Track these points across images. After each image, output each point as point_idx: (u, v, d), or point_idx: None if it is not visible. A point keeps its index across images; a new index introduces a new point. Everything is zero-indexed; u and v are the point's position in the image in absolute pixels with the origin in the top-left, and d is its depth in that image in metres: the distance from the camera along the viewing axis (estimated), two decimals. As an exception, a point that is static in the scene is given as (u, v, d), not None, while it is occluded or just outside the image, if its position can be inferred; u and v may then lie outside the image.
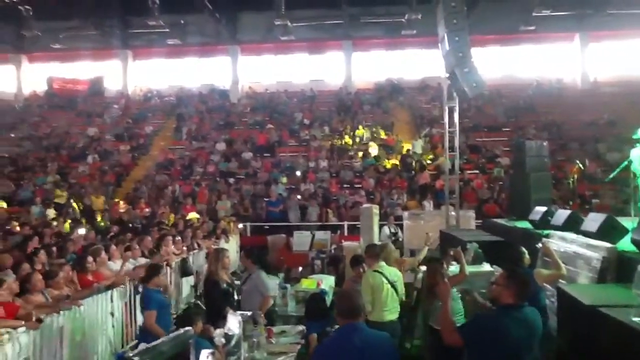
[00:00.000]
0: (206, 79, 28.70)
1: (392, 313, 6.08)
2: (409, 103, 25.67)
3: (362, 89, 27.35)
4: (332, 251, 13.21)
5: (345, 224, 15.92)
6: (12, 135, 25.43)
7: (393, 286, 6.09)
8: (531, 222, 9.01)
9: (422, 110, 24.58)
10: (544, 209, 8.79)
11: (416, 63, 27.71)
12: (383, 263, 6.30)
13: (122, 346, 8.06)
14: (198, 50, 28.39)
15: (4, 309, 5.65)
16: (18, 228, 13.44)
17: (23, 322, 5.73)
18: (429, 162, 19.81)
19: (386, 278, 6.07)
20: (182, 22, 26.91)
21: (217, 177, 20.24)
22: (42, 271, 6.98)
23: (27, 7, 23.72)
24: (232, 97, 27.51)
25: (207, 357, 4.57)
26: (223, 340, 5.17)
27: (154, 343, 4.46)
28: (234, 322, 5.45)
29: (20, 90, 29.51)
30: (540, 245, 6.90)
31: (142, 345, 4.09)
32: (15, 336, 5.58)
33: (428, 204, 16.15)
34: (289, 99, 26.90)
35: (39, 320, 5.89)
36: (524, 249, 6.11)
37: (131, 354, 3.70)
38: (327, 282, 9.07)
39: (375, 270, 6.15)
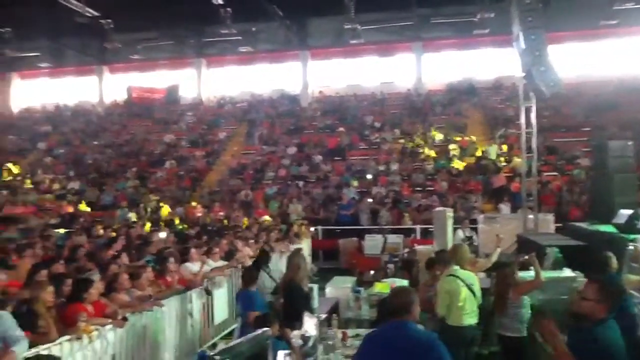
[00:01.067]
0: (276, 84, 29.11)
1: (471, 317, 5.92)
2: (483, 103, 25.05)
3: (433, 90, 26.95)
4: (405, 255, 13.04)
5: (418, 227, 15.72)
6: (95, 142, 26.76)
7: (470, 289, 5.94)
8: (616, 225, 8.60)
9: (496, 110, 23.92)
10: (629, 212, 8.39)
11: (489, 62, 27.01)
12: (457, 267, 6.16)
13: (200, 346, 8.29)
14: (269, 57, 28.88)
15: (93, 308, 5.93)
16: (102, 231, 14.11)
17: (110, 320, 6.01)
18: (504, 163, 19.25)
19: (462, 281, 5.93)
20: (254, 29, 27.46)
21: (288, 181, 20.50)
22: (127, 272, 7.27)
23: (108, 20, 24.88)
24: (302, 102, 27.80)
25: (284, 358, 4.64)
26: (300, 341, 5.23)
27: (232, 343, 4.58)
28: (310, 324, 5.50)
29: (102, 99, 30.98)
30: (631, 247, 6.57)
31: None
32: (103, 333, 5.86)
33: (504, 207, 15.69)
34: (359, 102, 26.88)
35: (125, 319, 6.16)
36: (610, 254, 5.83)
37: (212, 353, 3.80)
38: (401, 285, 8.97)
39: (450, 275, 6.03)
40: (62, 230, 14.86)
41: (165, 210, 19.15)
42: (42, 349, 5.07)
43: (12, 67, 30.97)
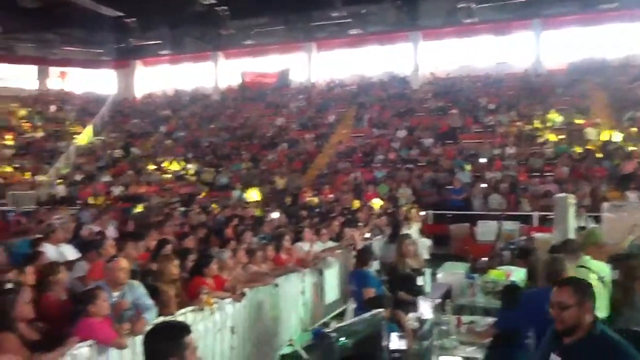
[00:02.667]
0: (387, 66, 28.74)
1: (601, 311, 5.50)
2: (608, 84, 23.20)
3: (553, 70, 25.35)
4: (522, 242, 12.44)
5: (536, 214, 14.91)
6: (212, 126, 27.93)
7: (602, 281, 5.51)
8: None
9: (624, 91, 22.07)
10: None
11: (616, 39, 24.96)
12: (588, 257, 5.73)
13: (311, 325, 8.41)
14: (379, 39, 28.54)
15: (214, 281, 6.18)
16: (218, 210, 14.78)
17: (229, 294, 6.23)
18: (633, 148, 17.76)
19: (594, 273, 5.50)
20: (363, 11, 27.26)
21: (398, 165, 20.25)
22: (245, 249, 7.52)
23: (224, 7, 25.75)
24: (413, 84, 27.25)
25: (398, 340, 4.57)
26: (416, 324, 5.14)
27: (348, 321, 4.57)
28: (426, 308, 5.39)
29: (217, 84, 32.21)
30: None
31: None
32: (222, 306, 6.09)
33: (632, 195, 14.50)
34: (472, 84, 25.91)
35: (243, 294, 6.36)
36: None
37: (327, 330, 3.79)
38: (518, 274, 8.54)
39: (580, 266, 5.61)
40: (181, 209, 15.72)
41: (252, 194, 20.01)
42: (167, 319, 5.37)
43: (136, 55, 32.94)
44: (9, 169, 25.47)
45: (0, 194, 22.90)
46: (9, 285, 4.91)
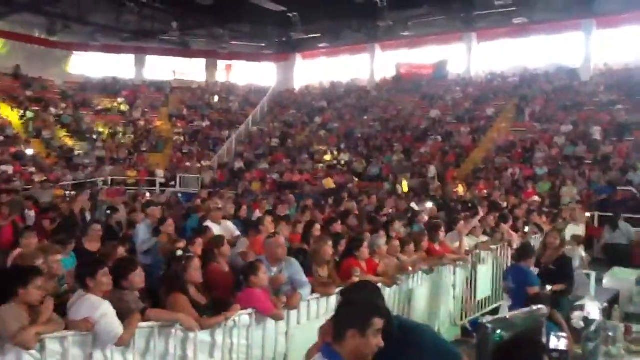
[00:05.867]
0: (553, 57, 26.87)
1: None
2: None
3: None
4: None
5: None
6: (365, 117, 28.19)
7: None
8: None
9: None
10: None
11: None
12: None
13: (461, 319, 8.16)
14: (545, 28, 26.66)
15: (366, 265, 6.22)
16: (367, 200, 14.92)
17: (381, 279, 6.22)
18: None
19: None
20: (531, -2, 25.72)
21: (561, 162, 18.93)
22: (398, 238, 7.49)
23: (382, 0, 25.77)
24: (582, 76, 25.14)
25: (558, 339, 4.29)
26: (582, 323, 4.78)
27: (508, 314, 4.37)
28: (593, 308, 4.99)
29: (373, 76, 32.39)
30: None
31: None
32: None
33: None
34: (653, 76, 23.35)
35: (395, 280, 6.33)
36: None
37: (485, 321, 3.65)
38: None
39: None
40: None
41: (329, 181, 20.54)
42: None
43: (296, 49, 34.19)
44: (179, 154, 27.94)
45: (171, 177, 25.17)
46: (180, 253, 5.36)
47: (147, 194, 15.93)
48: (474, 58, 29.17)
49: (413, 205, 13.70)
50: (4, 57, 30.64)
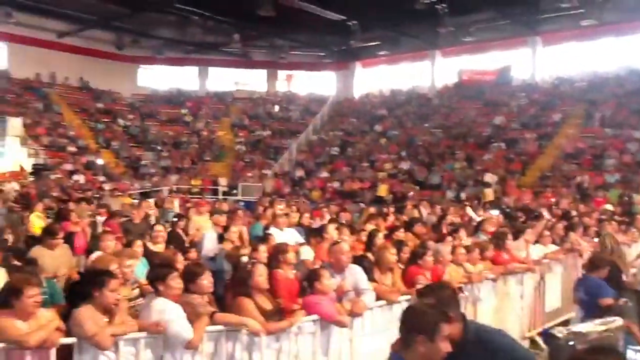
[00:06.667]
0: (624, 60, 25.77)
1: None
2: None
3: None
4: None
5: None
6: (426, 125, 27.87)
7: None
8: None
9: None
10: None
11: None
12: None
13: (529, 330, 7.91)
14: (616, 29, 25.64)
15: (430, 273, 6.14)
16: (428, 209, 14.71)
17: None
18: None
19: None
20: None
21: (634, 169, 18.12)
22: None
23: (443, 5, 25.43)
24: (658, 79, 23.94)
25: (636, 353, 4.14)
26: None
27: (580, 326, 4.22)
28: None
29: (434, 83, 32.03)
30: None
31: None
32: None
33: None
34: None
35: (460, 289, 6.21)
36: None
37: (557, 332, 3.54)
38: None
39: None
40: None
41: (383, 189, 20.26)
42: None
43: (356, 57, 34.24)
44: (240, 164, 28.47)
45: (233, 186, 25.66)
46: (246, 260, 5.45)
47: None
48: (539, 63, 28.40)
49: (470, 212, 13.43)
50: (77, 72, 32.20)
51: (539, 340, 7.65)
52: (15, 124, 24.64)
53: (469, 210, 13.56)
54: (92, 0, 25.46)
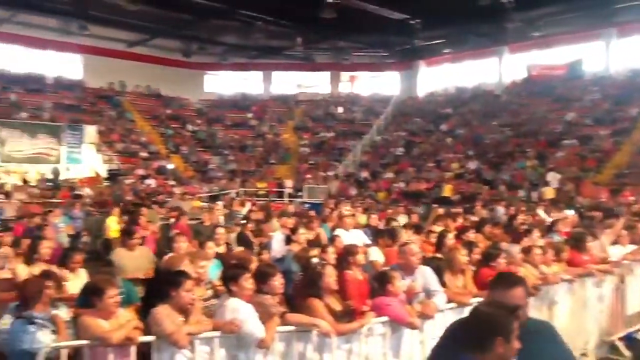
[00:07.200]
0: None
1: None
2: None
3: None
4: None
5: None
6: (494, 122, 27.17)
7: None
8: None
9: None
10: None
11: None
12: None
13: (609, 335, 7.55)
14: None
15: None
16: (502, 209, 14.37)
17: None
18: None
19: None
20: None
21: None
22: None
23: (510, 0, 24.72)
24: None
25: None
26: None
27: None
28: None
29: (501, 80, 31.20)
30: None
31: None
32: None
33: None
34: None
35: (535, 289, 6.03)
36: None
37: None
38: None
39: None
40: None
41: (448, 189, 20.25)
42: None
43: (420, 56, 33.80)
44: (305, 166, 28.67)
45: (298, 188, 25.86)
46: (316, 261, 5.48)
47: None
48: (613, 55, 27.13)
49: (540, 212, 12.99)
50: (147, 80, 33.45)
51: (620, 345, 7.29)
52: (90, 132, 25.90)
53: (540, 211, 13.15)
54: (159, 11, 26.33)
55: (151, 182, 23.72)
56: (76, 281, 5.56)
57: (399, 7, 24.58)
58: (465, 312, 5.38)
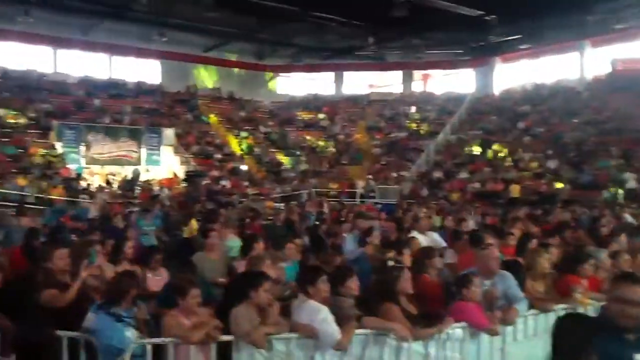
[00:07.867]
0: None
1: None
2: None
3: None
4: None
5: None
6: (575, 120, 26.01)
7: None
8: None
9: None
10: None
11: None
12: None
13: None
14: None
15: (587, 282, 5.68)
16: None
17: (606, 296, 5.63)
18: None
19: None
20: None
21: None
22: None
23: (589, -9, 23.66)
24: None
25: None
26: None
27: None
28: None
29: (583, 75, 29.86)
30: None
31: None
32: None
33: None
34: None
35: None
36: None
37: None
38: None
39: None
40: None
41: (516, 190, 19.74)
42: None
43: (495, 52, 32.79)
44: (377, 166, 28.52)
45: (370, 188, 25.75)
46: (391, 264, 5.42)
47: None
48: None
49: (626, 216, 12.31)
50: (221, 83, 34.35)
51: None
52: (168, 135, 26.86)
53: (625, 214, 12.49)
54: (233, 15, 26.94)
55: (226, 183, 24.29)
56: (157, 280, 5.79)
57: (472, 3, 23.96)
58: (549, 318, 5.18)
